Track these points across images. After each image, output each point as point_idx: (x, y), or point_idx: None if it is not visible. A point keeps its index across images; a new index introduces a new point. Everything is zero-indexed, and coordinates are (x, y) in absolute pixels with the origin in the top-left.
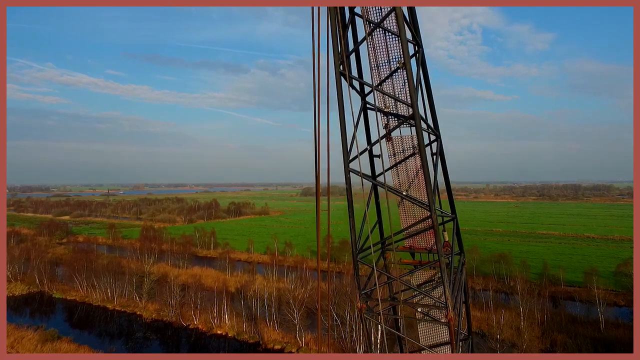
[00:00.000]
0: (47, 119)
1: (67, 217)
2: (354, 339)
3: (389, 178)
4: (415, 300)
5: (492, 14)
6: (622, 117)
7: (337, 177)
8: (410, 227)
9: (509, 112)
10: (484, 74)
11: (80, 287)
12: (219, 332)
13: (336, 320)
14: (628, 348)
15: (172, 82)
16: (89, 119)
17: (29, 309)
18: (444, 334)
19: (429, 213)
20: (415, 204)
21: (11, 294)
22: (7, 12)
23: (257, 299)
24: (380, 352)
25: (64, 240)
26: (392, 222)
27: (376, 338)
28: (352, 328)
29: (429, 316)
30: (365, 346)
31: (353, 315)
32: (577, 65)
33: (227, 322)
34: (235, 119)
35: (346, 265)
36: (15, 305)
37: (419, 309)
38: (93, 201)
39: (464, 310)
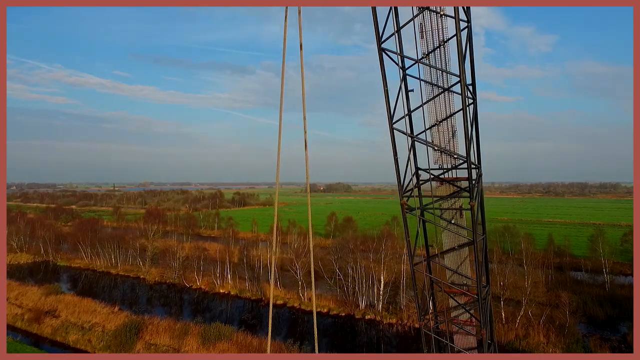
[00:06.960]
0: (55, 119)
1: (73, 207)
2: (357, 292)
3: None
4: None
5: (494, 16)
6: (625, 118)
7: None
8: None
9: (513, 113)
10: (487, 75)
11: (85, 255)
12: (221, 291)
13: (338, 275)
14: (630, 304)
15: (178, 83)
16: (95, 119)
17: (34, 277)
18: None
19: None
20: (450, 155)
21: (16, 262)
22: (17, 14)
23: (260, 262)
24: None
25: (69, 224)
26: None
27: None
28: (355, 279)
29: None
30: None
31: (356, 268)
32: (579, 67)
33: (229, 282)
34: (240, 119)
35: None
36: (21, 275)
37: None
38: (99, 194)
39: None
